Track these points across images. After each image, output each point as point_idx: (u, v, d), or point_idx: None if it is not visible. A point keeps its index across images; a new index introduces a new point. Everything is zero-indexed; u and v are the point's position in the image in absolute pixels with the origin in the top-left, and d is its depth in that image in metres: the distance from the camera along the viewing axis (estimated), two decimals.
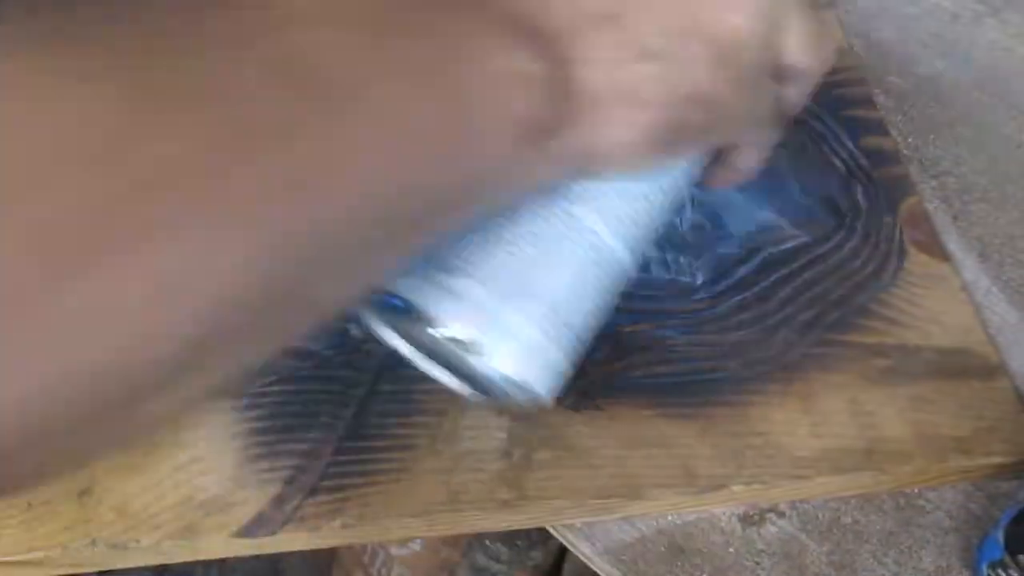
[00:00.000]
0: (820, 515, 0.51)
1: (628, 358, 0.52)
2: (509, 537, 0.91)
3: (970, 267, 0.58)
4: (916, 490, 0.52)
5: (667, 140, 0.36)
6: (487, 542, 0.92)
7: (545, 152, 0.33)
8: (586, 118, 0.34)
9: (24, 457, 0.24)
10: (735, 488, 0.49)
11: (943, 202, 0.61)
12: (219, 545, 0.45)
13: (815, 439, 0.50)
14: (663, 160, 0.39)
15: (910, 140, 0.64)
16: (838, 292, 0.55)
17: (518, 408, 0.43)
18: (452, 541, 0.93)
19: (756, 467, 0.49)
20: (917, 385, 0.52)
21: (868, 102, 0.64)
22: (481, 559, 0.93)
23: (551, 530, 0.51)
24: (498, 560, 0.93)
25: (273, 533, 0.45)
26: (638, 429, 0.50)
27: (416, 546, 0.94)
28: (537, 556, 0.93)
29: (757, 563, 0.50)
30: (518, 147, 0.32)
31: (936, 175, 0.62)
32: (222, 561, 1.12)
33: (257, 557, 1.15)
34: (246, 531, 0.45)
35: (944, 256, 0.57)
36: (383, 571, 0.96)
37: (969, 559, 0.50)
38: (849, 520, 0.51)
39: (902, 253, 0.57)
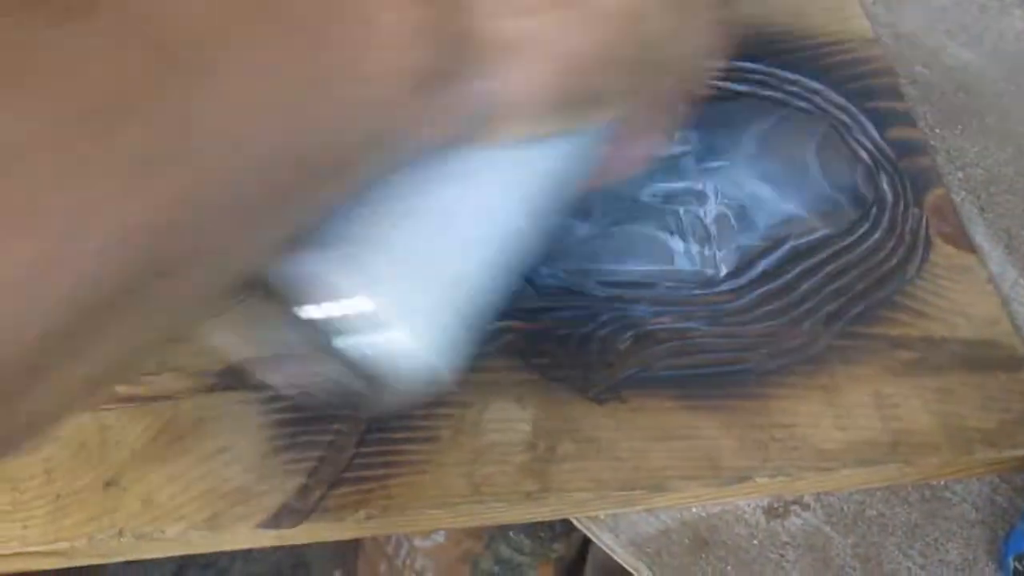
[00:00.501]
0: (845, 507, 0.51)
1: (651, 349, 0.51)
2: (532, 529, 0.91)
3: (997, 259, 0.58)
4: (943, 482, 0.52)
5: (569, 100, 0.34)
6: (510, 534, 0.92)
7: (441, 103, 0.31)
8: (485, 66, 0.32)
9: None
10: (760, 480, 0.49)
11: (970, 193, 0.61)
12: (244, 536, 0.45)
13: (840, 431, 0.50)
14: (563, 124, 0.36)
15: (936, 131, 0.63)
16: (863, 284, 0.55)
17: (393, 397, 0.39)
18: (475, 533, 0.93)
19: (781, 459, 0.49)
20: (943, 377, 0.52)
21: (894, 93, 0.63)
22: (504, 551, 0.93)
23: (575, 522, 0.51)
24: (521, 552, 0.93)
25: (297, 524, 0.45)
26: (662, 421, 0.50)
27: (439, 537, 0.94)
28: (560, 548, 0.93)
29: (782, 555, 0.50)
30: (410, 95, 0.30)
31: (963, 166, 0.62)
32: (246, 551, 1.13)
33: (280, 548, 1.16)
34: (271, 522, 0.45)
35: (970, 247, 0.57)
36: (407, 562, 0.96)
37: (995, 551, 0.50)
38: (874, 512, 0.51)
39: (928, 245, 0.57)
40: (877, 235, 0.57)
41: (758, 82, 0.62)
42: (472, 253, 0.37)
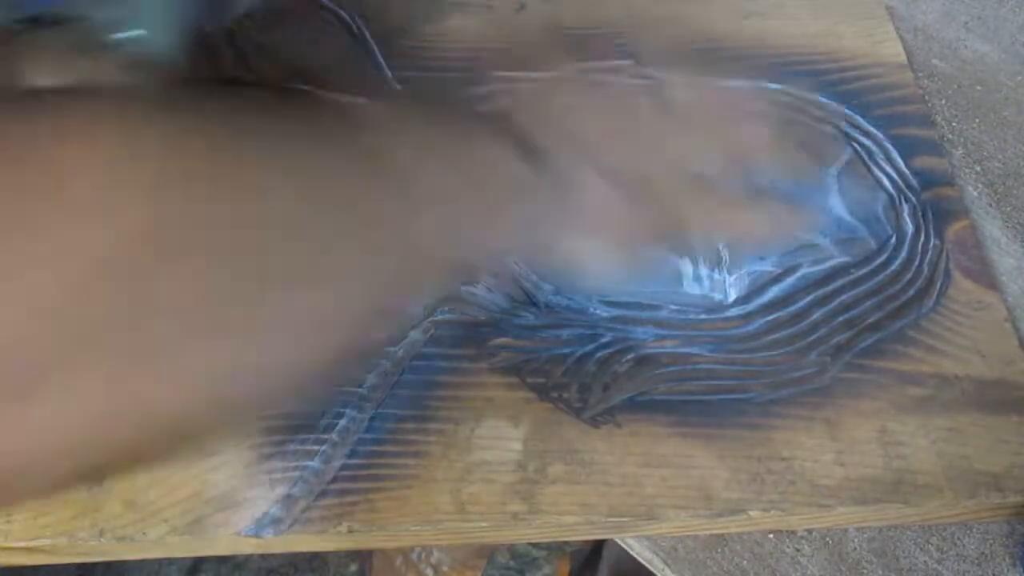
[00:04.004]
0: None
1: (651, 373, 0.51)
2: None
3: (1015, 253, 0.57)
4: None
5: None
6: None
7: None
8: None
9: None
10: (752, 513, 0.48)
11: (987, 187, 0.60)
12: (225, 543, 0.45)
13: (840, 467, 0.49)
14: None
15: (953, 125, 0.63)
16: (876, 316, 0.53)
17: None
18: None
19: (776, 493, 0.48)
20: (952, 416, 0.51)
21: (925, 120, 0.61)
22: (520, 545, 0.93)
23: None
24: (537, 545, 0.93)
25: (279, 534, 0.45)
26: (657, 448, 0.49)
27: None
28: (576, 542, 0.92)
29: (797, 550, 0.49)
30: None
31: (980, 160, 0.61)
32: None
33: None
34: (253, 530, 0.45)
35: (991, 284, 0.55)
36: (423, 556, 0.96)
37: (1013, 545, 0.49)
38: None
39: (947, 278, 0.55)
40: (895, 266, 0.55)
41: (781, 103, 0.60)
42: None
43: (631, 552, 0.50)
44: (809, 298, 0.54)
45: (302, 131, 0.37)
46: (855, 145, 0.59)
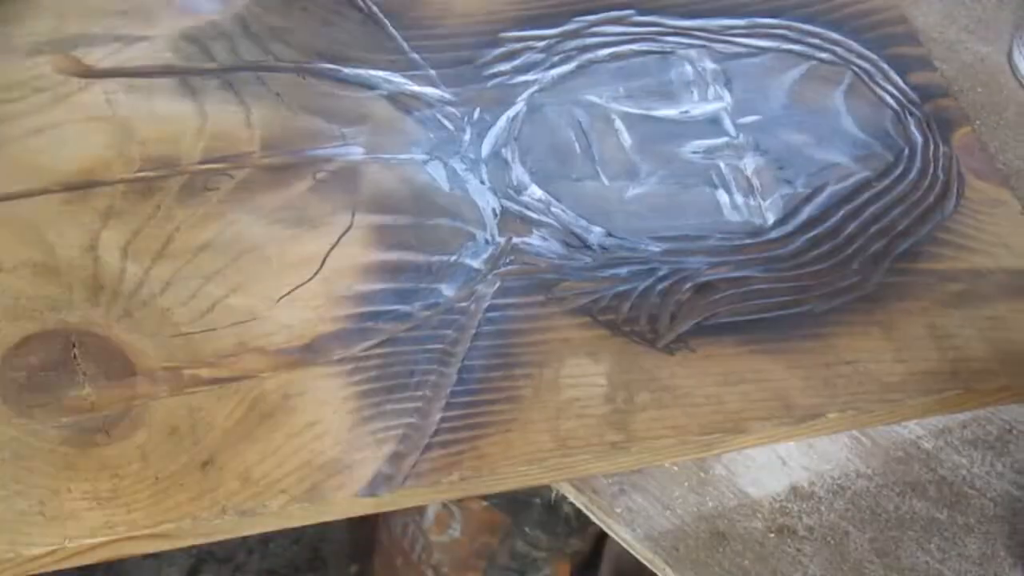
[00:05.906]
0: (862, 502, 0.52)
1: (712, 298, 0.53)
2: (549, 524, 0.92)
3: None
4: (963, 475, 0.53)
5: None
6: (526, 529, 0.92)
7: None
8: None
9: None
10: (831, 416, 0.50)
11: None
12: (343, 505, 0.46)
13: (901, 364, 0.51)
14: None
15: None
16: (905, 223, 0.56)
17: None
18: (491, 528, 0.93)
19: (848, 394, 0.50)
20: (992, 306, 0.54)
21: (911, 39, 0.65)
22: (520, 546, 0.93)
23: (591, 516, 0.51)
24: (537, 547, 0.93)
25: (393, 490, 0.46)
26: (731, 366, 0.51)
27: (455, 532, 0.94)
28: (576, 543, 0.93)
29: (799, 550, 0.50)
30: None
31: None
32: (264, 545, 1.13)
33: (296, 543, 1.15)
34: (368, 490, 0.46)
35: (1001, 181, 0.59)
36: (423, 556, 0.96)
37: (1014, 546, 0.51)
38: (892, 507, 0.52)
39: (961, 182, 0.58)
40: (912, 176, 0.58)
41: (780, 36, 0.63)
42: None
43: (632, 552, 0.51)
44: (841, 213, 0.56)
45: None
46: (854, 68, 0.62)
